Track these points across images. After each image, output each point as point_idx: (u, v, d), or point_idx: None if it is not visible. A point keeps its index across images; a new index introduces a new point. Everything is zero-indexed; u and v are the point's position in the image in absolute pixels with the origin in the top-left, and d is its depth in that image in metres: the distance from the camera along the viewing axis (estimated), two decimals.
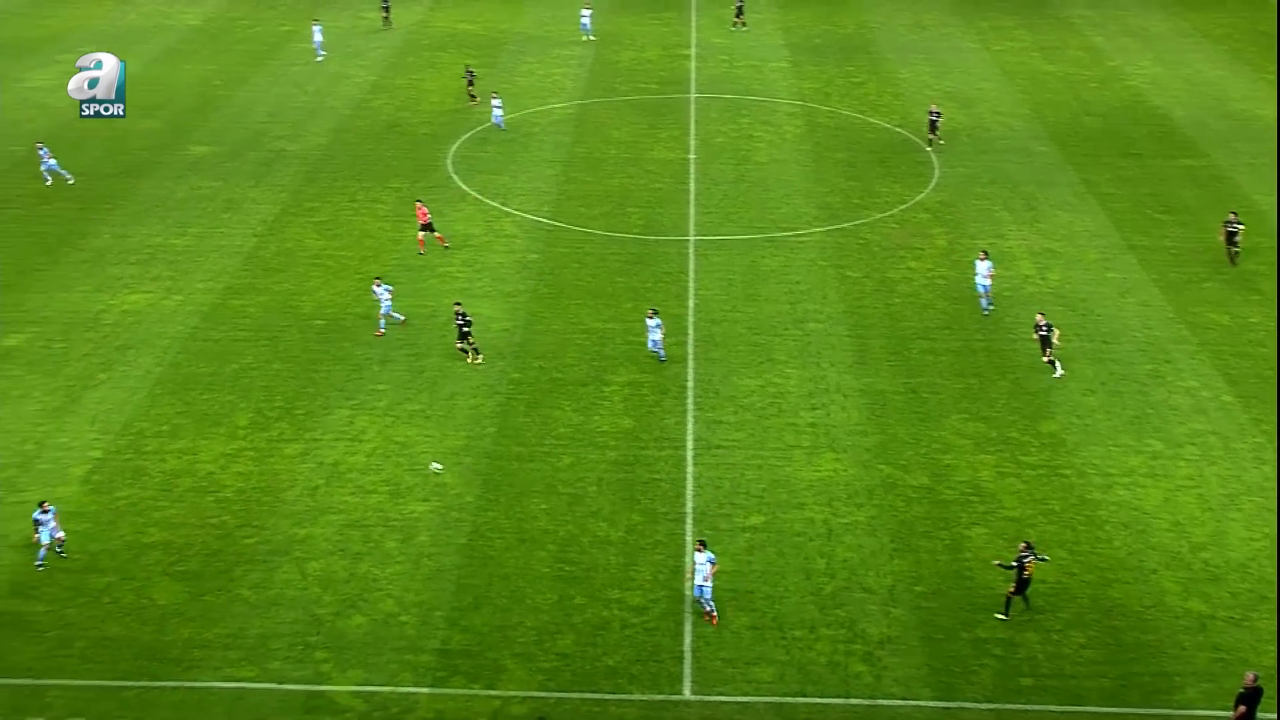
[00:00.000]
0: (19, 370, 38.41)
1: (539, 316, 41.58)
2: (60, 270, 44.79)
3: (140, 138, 57.69)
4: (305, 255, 46.00)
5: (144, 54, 70.36)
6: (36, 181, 52.43)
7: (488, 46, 71.42)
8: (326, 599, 29.62)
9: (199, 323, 41.27)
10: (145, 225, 48.38)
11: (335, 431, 35.64)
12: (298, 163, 54.66)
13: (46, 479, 33.44)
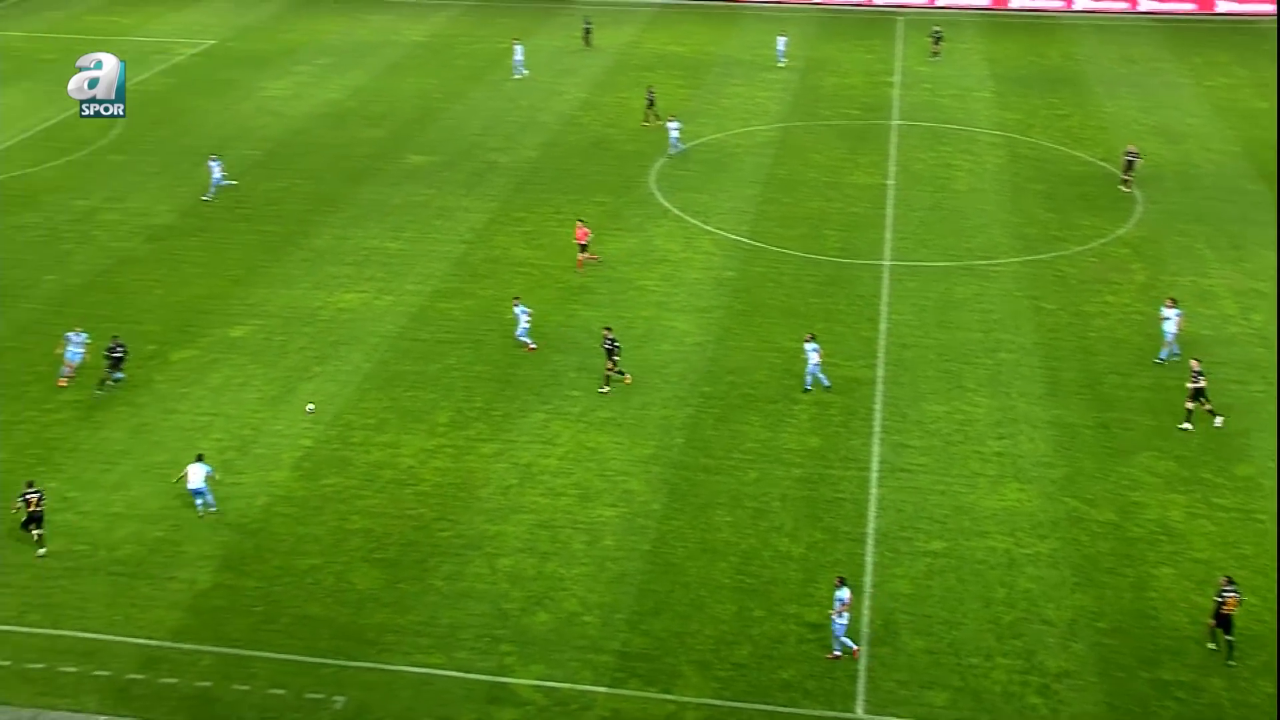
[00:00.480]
0: (242, 359, 40.05)
1: (732, 333, 41.56)
2: (283, 268, 46.57)
3: (364, 146, 59.65)
4: (510, 263, 46.90)
5: (372, 67, 72.79)
6: (269, 183, 54.68)
7: (695, 68, 71.80)
8: (514, 594, 30.08)
9: (407, 323, 42.42)
10: (363, 228, 49.97)
11: (530, 434, 36.21)
12: (508, 174, 55.81)
13: (261, 463, 34.77)
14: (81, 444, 35.52)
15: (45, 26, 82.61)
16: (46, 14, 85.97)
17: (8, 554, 31.15)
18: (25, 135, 61.13)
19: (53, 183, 54.65)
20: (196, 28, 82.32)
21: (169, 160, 57.55)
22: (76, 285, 45.06)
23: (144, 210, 51.72)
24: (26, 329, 41.94)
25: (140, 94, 67.73)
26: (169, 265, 46.72)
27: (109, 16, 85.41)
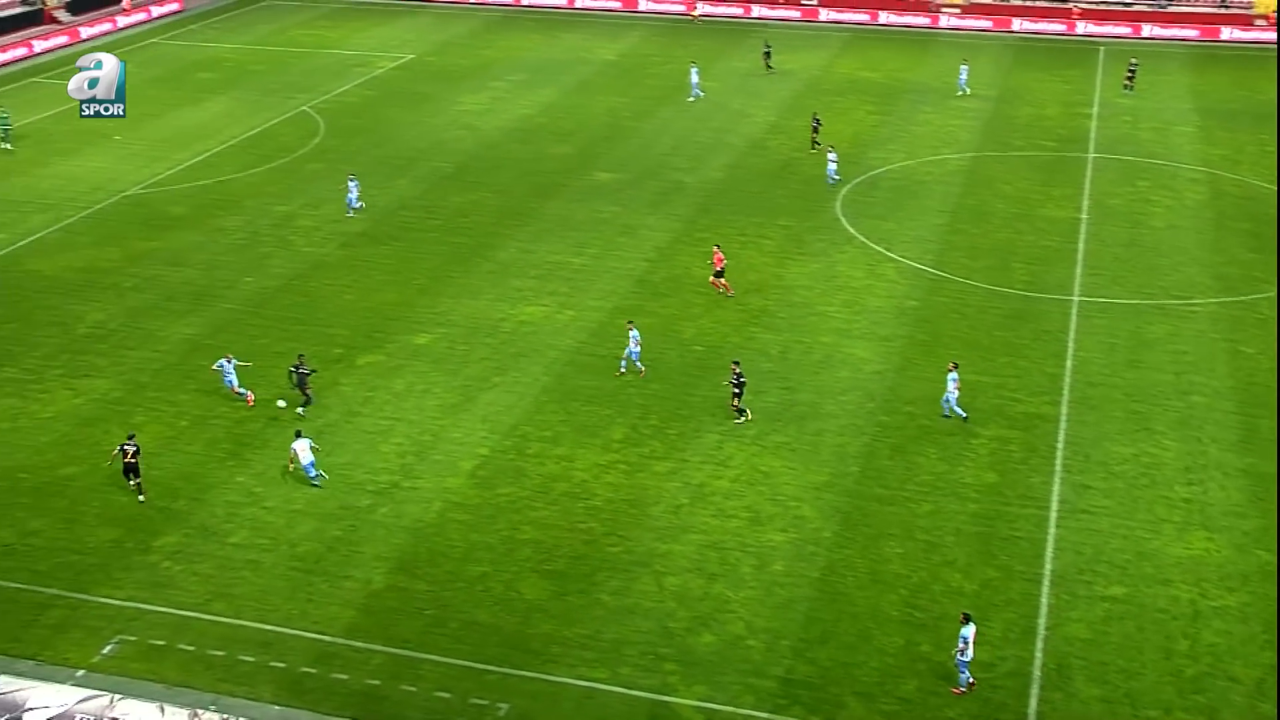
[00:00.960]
0: (425, 366, 41.08)
1: (912, 362, 41.01)
2: (470, 279, 47.62)
3: (553, 161, 60.69)
4: (691, 283, 47.11)
5: (564, 84, 74.05)
6: (459, 196, 56.03)
7: (886, 94, 71.19)
8: (680, 614, 30.15)
9: (587, 338, 42.95)
10: (548, 243, 50.81)
11: (704, 454, 36.28)
12: (693, 194, 56.12)
13: (438, 470, 35.57)
14: (270, 442, 36.85)
15: (255, 39, 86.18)
16: (258, 28, 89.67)
17: (197, 543, 32.49)
18: (232, 142, 63.86)
19: (255, 188, 56.93)
20: (397, 42, 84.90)
21: (364, 169, 59.40)
22: (272, 288, 46.83)
23: (338, 217, 53.52)
24: (223, 328, 43.74)
25: (340, 105, 70.17)
26: (360, 272, 48.23)
27: (315, 30, 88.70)
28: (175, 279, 47.63)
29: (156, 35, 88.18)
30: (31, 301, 45.73)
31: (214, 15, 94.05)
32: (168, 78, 76.55)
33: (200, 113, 68.99)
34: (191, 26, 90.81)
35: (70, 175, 59.02)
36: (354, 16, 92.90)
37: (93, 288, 46.88)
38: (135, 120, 67.43)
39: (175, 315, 44.66)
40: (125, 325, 43.92)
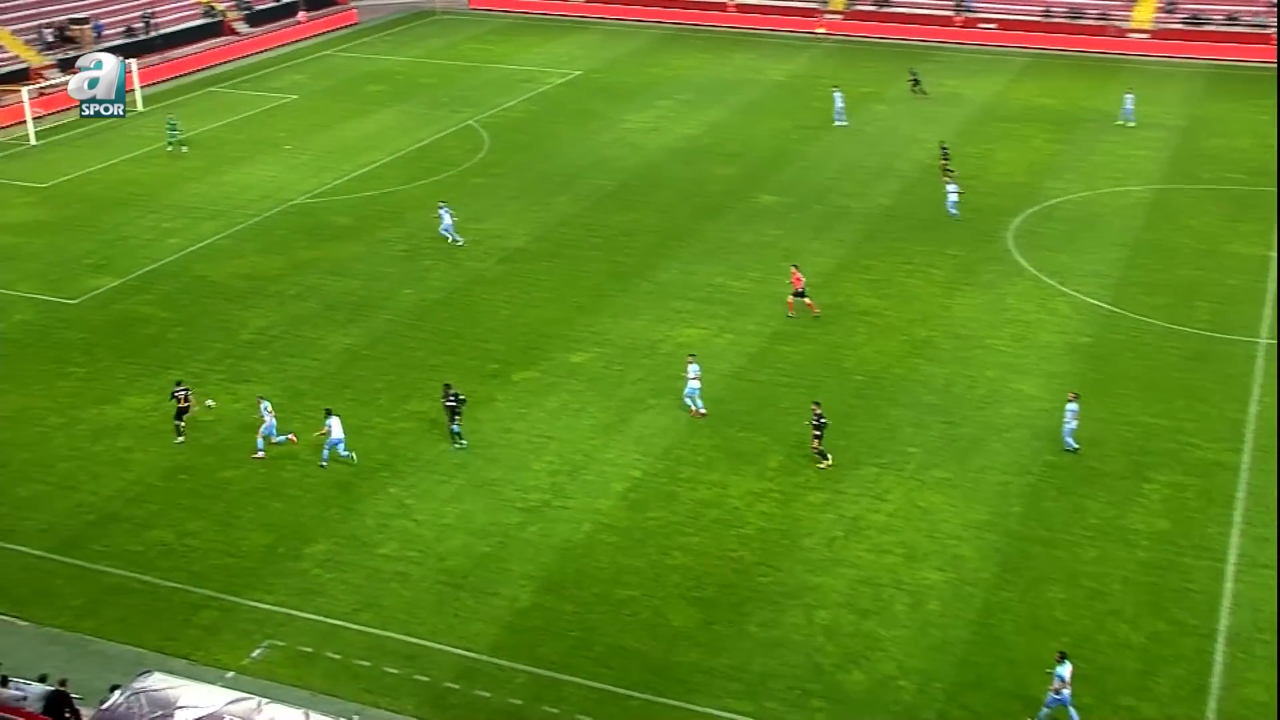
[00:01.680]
0: (581, 385, 41.47)
1: (1082, 402, 39.99)
2: (628, 298, 47.97)
3: (716, 183, 60.86)
4: (854, 310, 46.74)
5: (730, 104, 74.27)
6: (621, 215, 56.54)
7: (1065, 121, 69.79)
8: (829, 649, 29.84)
9: (745, 363, 42.89)
10: (709, 265, 50.92)
11: (860, 487, 35.91)
12: (859, 220, 55.72)
13: (589, 490, 35.84)
14: (422, 454, 37.57)
15: (425, 53, 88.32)
16: (428, 41, 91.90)
17: (347, 552, 33.28)
18: (398, 154, 65.49)
19: (419, 200, 58.26)
20: (565, 59, 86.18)
21: (527, 185, 60.39)
22: (431, 300, 47.83)
23: (500, 232, 54.45)
24: (382, 339, 44.80)
25: (506, 120, 71.46)
26: (519, 287, 48.96)
27: (484, 45, 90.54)
28: (336, 289, 48.98)
29: (330, 47, 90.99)
30: (199, 306, 47.47)
31: (386, 29, 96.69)
32: (338, 89, 78.91)
33: (368, 124, 70.91)
34: (364, 39, 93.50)
35: (241, 183, 61.19)
36: (523, 32, 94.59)
37: (257, 295, 48.47)
38: (305, 130, 69.66)
39: (335, 325, 45.91)
40: (286, 333, 45.29)
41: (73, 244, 53.73)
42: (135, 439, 38.43)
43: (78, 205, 58.53)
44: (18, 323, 46.22)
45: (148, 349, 43.75)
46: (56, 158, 65.83)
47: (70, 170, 63.63)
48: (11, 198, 59.79)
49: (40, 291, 48.91)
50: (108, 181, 61.89)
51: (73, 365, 43.02)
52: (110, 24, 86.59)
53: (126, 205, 58.28)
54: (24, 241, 54.08)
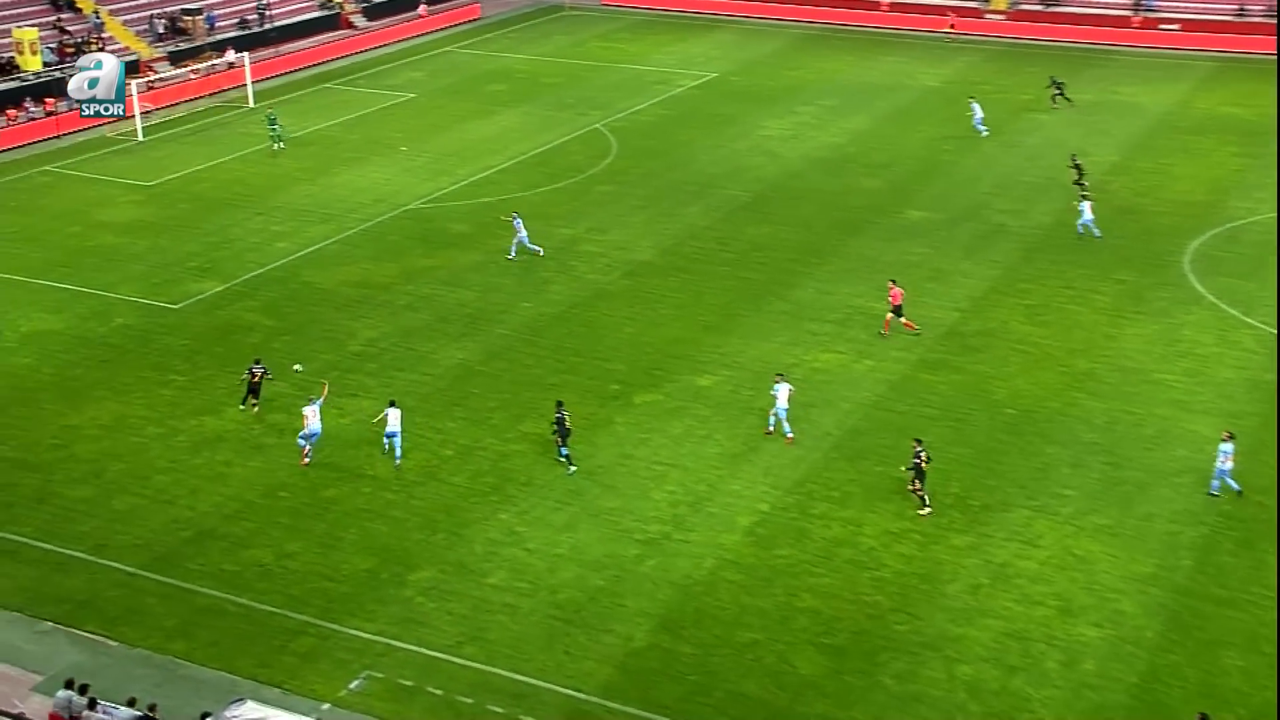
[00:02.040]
0: (707, 410, 41.52)
1: (1266, 446, 38.98)
2: (760, 318, 47.94)
3: (860, 196, 60.60)
4: (1008, 338, 46.16)
5: (878, 111, 73.94)
6: (755, 228, 56.57)
7: (1256, 134, 68.25)
8: (971, 707, 29.42)
9: (886, 392, 42.59)
10: (849, 284, 50.70)
11: (1009, 530, 35.39)
12: (1016, 239, 55.05)
13: (713, 523, 35.85)
14: (536, 478, 37.93)
15: (551, 51, 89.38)
16: (554, 39, 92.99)
17: (453, 580, 33.67)
18: (520, 158, 66.31)
19: (539, 208, 58.90)
20: (700, 59, 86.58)
21: (656, 194, 60.74)
22: (550, 315, 48.30)
23: (625, 244, 54.82)
24: (497, 354, 45.35)
25: (635, 124, 71.96)
26: (643, 304, 49.23)
27: (614, 44, 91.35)
28: (450, 300, 49.71)
29: (451, 43, 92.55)
30: (306, 314, 48.53)
31: (510, 25, 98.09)
32: (458, 88, 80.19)
33: (489, 126, 71.94)
34: (486, 36, 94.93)
35: (353, 185, 62.46)
36: (656, 30, 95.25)
37: (367, 304, 49.40)
38: (422, 131, 70.89)
39: (448, 338, 46.59)
40: (396, 345, 46.08)
41: (177, 246, 55.31)
42: (235, 452, 39.39)
43: (183, 205, 60.26)
44: (118, 327, 47.69)
45: (251, 358, 44.75)
46: (163, 155, 67.84)
47: (177, 168, 65.53)
48: (116, 196, 61.75)
49: (142, 295, 50.42)
50: (215, 181, 63.62)
51: (173, 373, 44.26)
52: (223, 16, 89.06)
53: (233, 206, 59.85)
54: (127, 242, 55.81)
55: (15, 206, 60.46)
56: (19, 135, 70.15)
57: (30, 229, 57.48)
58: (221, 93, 79.23)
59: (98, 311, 48.90)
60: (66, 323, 48.02)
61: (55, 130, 70.84)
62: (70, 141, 70.18)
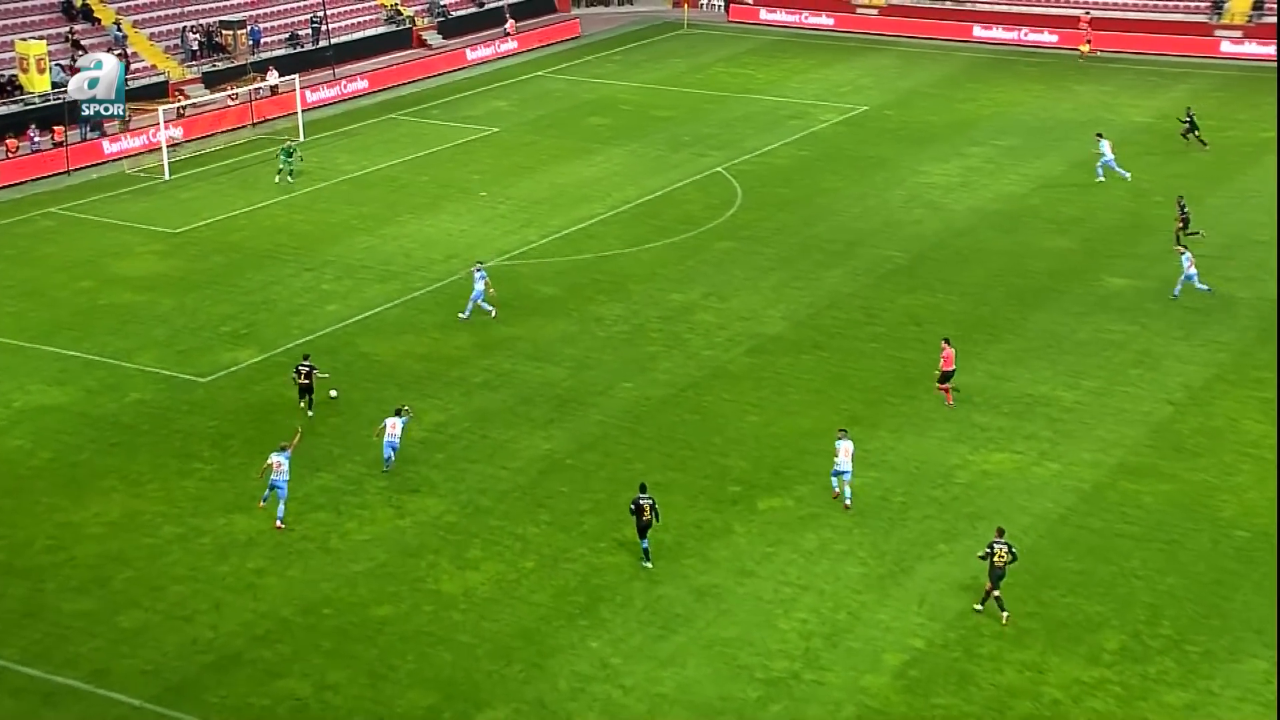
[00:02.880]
0: (848, 520, 41.09)
1: None
2: (917, 406, 47.54)
3: (1044, 258, 60.14)
4: (1237, 440, 45.30)
5: (1070, 153, 73.58)
6: (910, 296, 56.27)
7: None
8: None
9: (1075, 503, 41.93)
10: (1029, 368, 50.15)
11: (1243, 688, 34.44)
12: (1248, 315, 54.22)
13: (853, 660, 35.36)
14: (634, 598, 37.75)
15: (663, 78, 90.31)
16: (669, 63, 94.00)
17: None
18: (623, 208, 66.74)
19: (647, 268, 59.16)
20: (846, 89, 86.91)
21: (789, 253, 60.74)
22: (657, 398, 48.27)
23: (750, 313, 54.78)
24: (591, 445, 45.34)
25: (765, 167, 72.23)
26: (771, 386, 49.07)
27: (741, 69, 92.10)
28: (536, 377, 49.91)
29: (543, 67, 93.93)
30: (361, 391, 48.94)
31: (615, 45, 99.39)
32: (550, 122, 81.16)
33: (586, 168, 72.57)
34: (586, 59, 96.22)
35: (422, 237, 63.21)
36: (793, 53, 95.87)
37: (435, 380, 49.75)
38: (504, 173, 71.74)
39: (532, 424, 46.71)
40: (469, 431, 46.28)
41: (207, 306, 56.20)
42: (270, 559, 39.64)
43: (216, 257, 61.36)
44: (133, 403, 48.42)
45: (294, 431, 45.13)
46: (194, 196, 69.24)
47: (209, 213, 66.81)
48: (136, 245, 63.04)
49: (164, 365, 51.20)
50: (255, 228, 64.74)
51: (198, 460, 44.75)
52: (270, 29, 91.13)
53: (277, 259, 60.80)
54: (148, 301, 56.83)
55: (14, 256, 61.97)
56: (21, 170, 72.06)
57: (32, 283, 58.84)
58: (265, 122, 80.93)
59: (109, 384, 49.73)
60: (71, 397, 48.86)
61: (64, 165, 72.67)
62: (82, 178, 71.97)
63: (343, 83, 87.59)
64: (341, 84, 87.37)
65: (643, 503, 38.71)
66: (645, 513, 38.68)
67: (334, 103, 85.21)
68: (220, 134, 78.81)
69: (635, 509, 38.74)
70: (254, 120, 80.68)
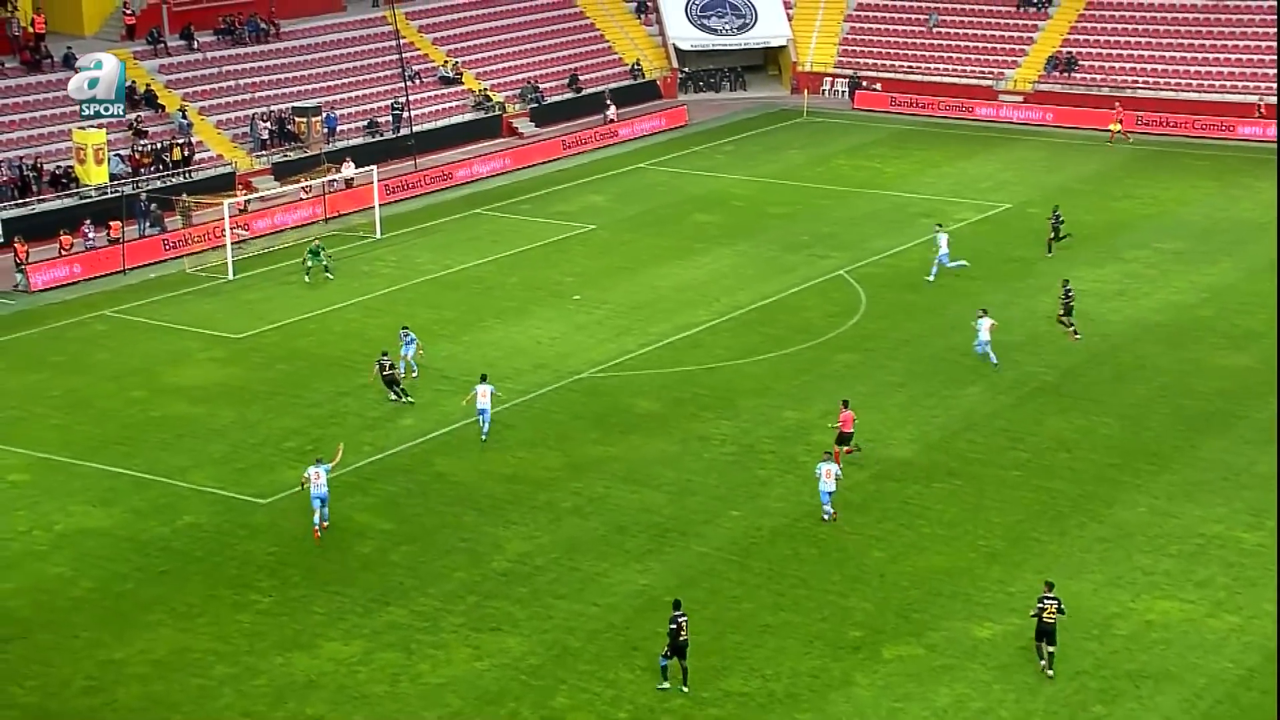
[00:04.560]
0: (987, 673, 40.30)
1: None
2: (1066, 545, 46.79)
3: (1216, 377, 59.30)
4: None
5: (1248, 259, 72.90)
6: (1059, 418, 55.58)
7: None
8: None
9: (1259, 662, 40.80)
10: (1200, 503, 49.22)
11: None
12: None
13: None
14: None
15: (779, 170, 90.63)
16: (785, 154, 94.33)
17: None
18: (733, 314, 66.61)
19: (758, 381, 58.84)
20: (987, 184, 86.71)
21: (920, 368, 60.21)
22: (768, 529, 47.78)
23: (875, 435, 54.18)
24: (693, 581, 44.86)
25: (893, 271, 71.98)
26: (899, 518, 48.42)
27: (867, 161, 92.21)
28: (632, 503, 49.58)
29: (646, 158, 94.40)
30: (436, 516, 48.83)
31: (726, 135, 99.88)
32: (652, 218, 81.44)
33: (691, 269, 72.59)
34: (694, 149, 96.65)
35: (508, 345, 63.29)
36: (925, 144, 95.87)
37: (519, 505, 49.53)
38: (601, 275, 71.92)
39: (627, 556, 46.31)
40: (557, 563, 45.94)
41: (270, 419, 56.44)
42: (331, 704, 39.40)
43: (281, 365, 61.73)
44: (185, 527, 48.50)
45: (360, 574, 44.99)
46: (259, 298, 69.84)
47: (276, 316, 67.30)
48: (194, 350, 63.55)
49: (220, 484, 51.35)
50: (325, 333, 65.13)
51: (254, 592, 44.67)
52: (347, 116, 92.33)
53: (347, 369, 61.01)
54: (205, 413, 57.15)
55: (62, 363, 62.62)
56: (74, 268, 73.08)
57: (80, 393, 59.37)
58: (339, 217, 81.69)
59: (160, 505, 49.92)
60: (117, 520, 49.04)
61: (120, 264, 73.63)
62: (139, 278, 72.92)
63: (425, 175, 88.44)
64: (424, 177, 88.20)
65: (680, 621, 39.01)
66: (683, 631, 38.91)
67: (415, 196, 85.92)
68: (290, 230, 79.55)
69: (674, 629, 38.95)
70: (327, 215, 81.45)
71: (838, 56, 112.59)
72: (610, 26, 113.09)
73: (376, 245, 76.58)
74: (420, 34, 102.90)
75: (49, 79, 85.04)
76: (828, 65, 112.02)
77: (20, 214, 76.79)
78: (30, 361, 62.67)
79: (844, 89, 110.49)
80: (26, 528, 48.27)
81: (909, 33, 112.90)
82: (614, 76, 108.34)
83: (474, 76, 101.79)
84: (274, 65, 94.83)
